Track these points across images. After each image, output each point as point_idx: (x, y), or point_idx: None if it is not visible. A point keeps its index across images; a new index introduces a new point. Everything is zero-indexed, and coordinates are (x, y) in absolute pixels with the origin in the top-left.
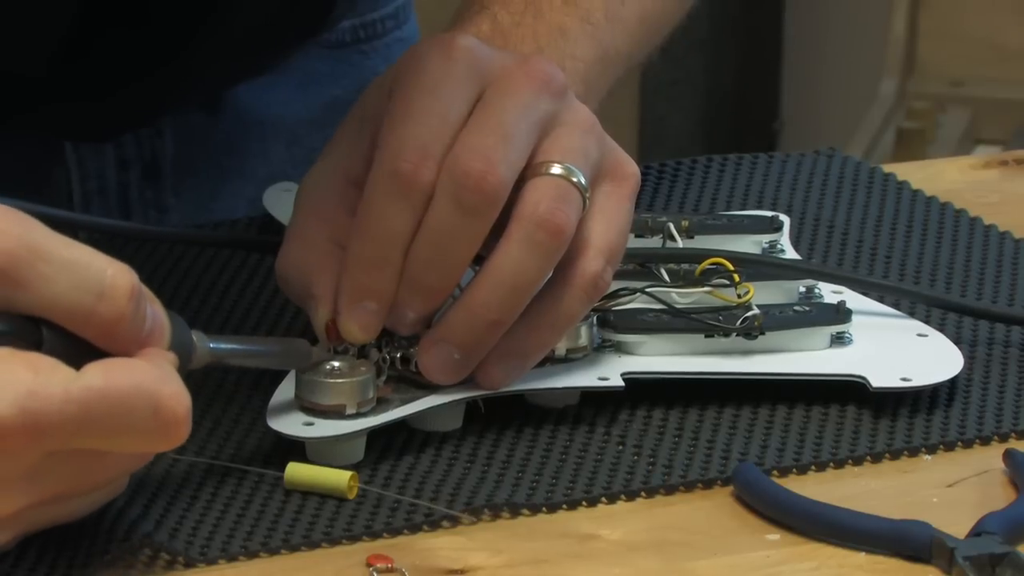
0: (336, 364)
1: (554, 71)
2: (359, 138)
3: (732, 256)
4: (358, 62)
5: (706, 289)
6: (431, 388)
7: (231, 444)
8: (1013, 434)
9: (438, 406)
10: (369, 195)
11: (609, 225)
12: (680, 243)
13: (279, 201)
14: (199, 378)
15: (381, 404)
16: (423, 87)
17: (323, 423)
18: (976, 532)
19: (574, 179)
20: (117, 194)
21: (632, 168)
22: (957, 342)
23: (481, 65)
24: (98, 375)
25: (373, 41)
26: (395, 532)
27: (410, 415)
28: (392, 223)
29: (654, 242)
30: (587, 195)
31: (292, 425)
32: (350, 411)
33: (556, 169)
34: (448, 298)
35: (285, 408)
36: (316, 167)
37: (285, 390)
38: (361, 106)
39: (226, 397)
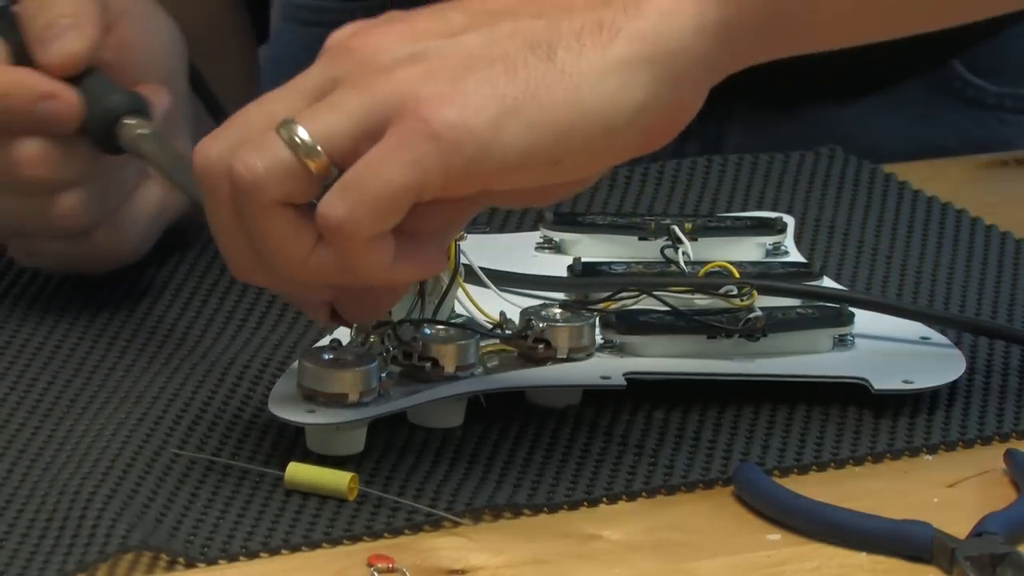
0: (340, 353)
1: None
2: None
3: (757, 286)
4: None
5: (710, 298)
6: (433, 383)
7: (231, 443)
8: (1014, 434)
9: (439, 400)
10: None
11: (359, 163)
12: (687, 244)
13: None
14: (199, 376)
15: (383, 396)
16: None
17: (324, 411)
18: (977, 532)
19: (284, 134)
20: None
21: (426, 111)
22: (958, 341)
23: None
24: None
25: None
26: (396, 532)
27: (412, 409)
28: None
29: (658, 244)
30: (307, 154)
31: (293, 411)
32: (352, 400)
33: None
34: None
35: (287, 395)
36: None
37: (289, 379)
38: None
39: (226, 393)
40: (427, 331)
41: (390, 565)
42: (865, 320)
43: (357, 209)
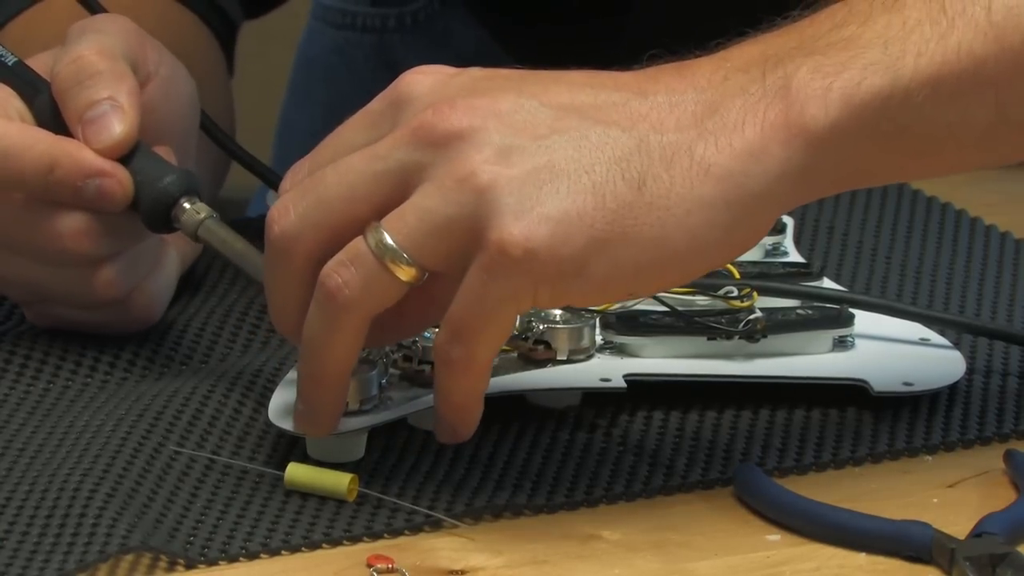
0: None
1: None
2: None
3: (757, 287)
4: None
5: (710, 298)
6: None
7: (230, 442)
8: (1013, 435)
9: None
10: None
11: (458, 300)
12: None
13: None
14: (197, 371)
15: (383, 402)
16: None
17: None
18: (976, 533)
19: (371, 242)
20: None
21: (512, 237)
22: (958, 342)
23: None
24: None
25: None
26: (396, 532)
27: (412, 413)
28: None
29: None
30: (393, 260)
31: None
32: (352, 408)
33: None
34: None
35: (287, 403)
36: None
37: (287, 386)
38: None
39: (225, 389)
40: (427, 335)
41: (390, 565)
42: (865, 321)
43: (473, 348)
